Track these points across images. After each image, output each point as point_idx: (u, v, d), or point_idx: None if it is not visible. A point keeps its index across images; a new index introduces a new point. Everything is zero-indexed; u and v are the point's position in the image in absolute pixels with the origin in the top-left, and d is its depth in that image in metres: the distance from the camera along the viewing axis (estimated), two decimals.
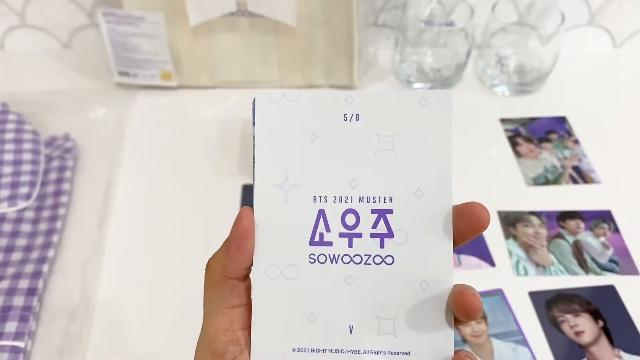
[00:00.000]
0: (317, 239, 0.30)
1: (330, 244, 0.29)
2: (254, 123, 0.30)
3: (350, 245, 0.29)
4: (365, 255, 0.29)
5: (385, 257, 0.29)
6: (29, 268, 0.56)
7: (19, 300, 0.53)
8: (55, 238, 0.59)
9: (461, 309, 0.28)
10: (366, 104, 0.30)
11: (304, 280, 0.30)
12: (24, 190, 0.63)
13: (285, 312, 0.29)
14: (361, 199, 0.29)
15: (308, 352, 0.29)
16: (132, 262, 0.60)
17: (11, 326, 0.51)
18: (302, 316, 0.29)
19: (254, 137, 0.30)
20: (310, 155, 0.30)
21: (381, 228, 0.29)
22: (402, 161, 0.29)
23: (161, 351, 0.53)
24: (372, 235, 0.29)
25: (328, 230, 0.30)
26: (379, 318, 0.29)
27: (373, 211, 0.29)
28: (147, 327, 0.55)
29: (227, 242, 0.30)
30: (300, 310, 0.29)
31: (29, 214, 0.62)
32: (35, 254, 0.58)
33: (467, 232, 0.29)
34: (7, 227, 0.60)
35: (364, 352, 0.29)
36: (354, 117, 0.30)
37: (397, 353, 0.29)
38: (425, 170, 0.29)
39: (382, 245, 0.29)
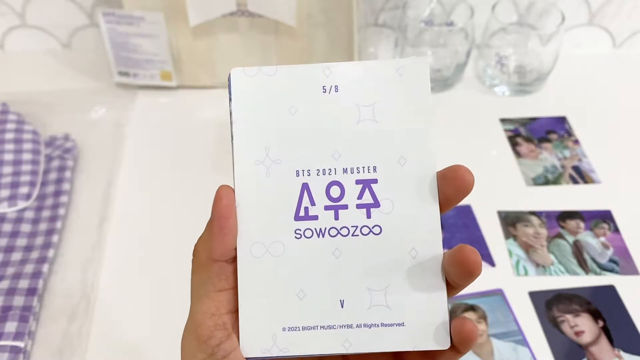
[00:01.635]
0: (302, 213, 0.29)
1: (316, 217, 0.29)
2: (230, 99, 0.30)
3: (337, 218, 0.29)
4: (352, 226, 0.29)
5: (372, 228, 0.29)
6: (29, 268, 0.56)
7: (19, 300, 0.53)
8: (55, 238, 0.59)
9: (461, 265, 0.27)
10: (344, 75, 0.29)
11: (290, 256, 0.29)
12: (24, 190, 0.63)
13: (273, 290, 0.29)
14: (345, 170, 0.29)
15: (299, 330, 0.29)
16: (132, 262, 0.60)
17: (11, 326, 0.51)
18: (291, 293, 0.29)
19: (231, 113, 0.30)
20: (291, 129, 0.29)
21: (367, 198, 0.29)
22: (384, 130, 0.29)
23: (161, 351, 0.53)
24: (358, 206, 0.29)
25: (313, 204, 0.29)
26: (370, 290, 0.28)
27: (358, 182, 0.29)
28: (148, 327, 0.54)
29: (210, 223, 0.29)
30: (288, 288, 0.29)
31: (29, 214, 0.62)
32: (35, 254, 0.58)
33: (452, 196, 0.29)
34: (7, 227, 0.60)
35: (357, 326, 0.28)
36: (333, 88, 0.29)
37: (391, 325, 0.28)
38: (407, 137, 0.29)
39: (368, 216, 0.29)
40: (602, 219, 0.64)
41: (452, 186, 0.28)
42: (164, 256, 0.60)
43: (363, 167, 0.29)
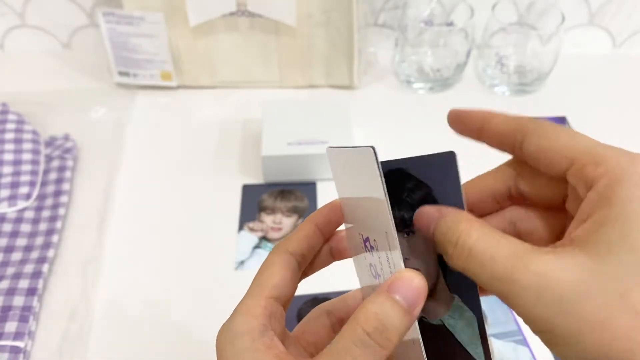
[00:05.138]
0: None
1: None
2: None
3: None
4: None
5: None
6: (29, 268, 0.56)
7: (19, 300, 0.53)
8: (55, 238, 0.59)
9: None
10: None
11: None
12: (24, 190, 0.63)
13: None
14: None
15: None
16: (132, 262, 0.60)
17: (11, 326, 0.51)
18: None
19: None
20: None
21: None
22: None
23: (161, 351, 0.53)
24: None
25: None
26: None
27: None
28: (147, 327, 0.54)
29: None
30: None
31: (29, 214, 0.62)
32: (35, 254, 0.58)
33: None
34: (7, 227, 0.60)
35: None
36: None
37: None
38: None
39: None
40: None
41: None
42: (164, 255, 0.60)
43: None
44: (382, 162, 0.27)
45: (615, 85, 0.81)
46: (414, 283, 0.25)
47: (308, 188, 0.66)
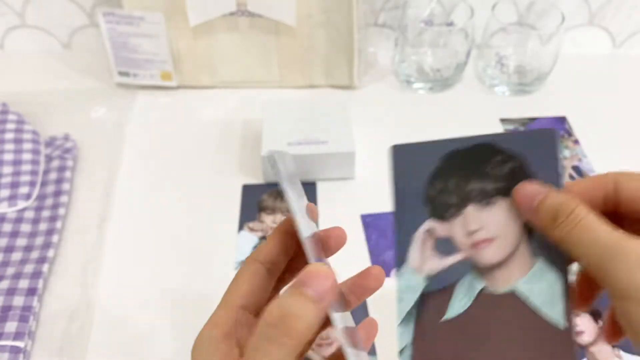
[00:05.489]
0: None
1: None
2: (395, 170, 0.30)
3: None
4: None
5: None
6: (29, 268, 0.56)
7: (19, 300, 0.53)
8: (55, 238, 0.59)
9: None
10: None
11: None
12: (24, 190, 0.63)
13: None
14: None
15: None
16: (132, 262, 0.60)
17: (11, 326, 0.51)
18: None
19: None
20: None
21: None
22: None
23: (161, 351, 0.53)
24: None
25: None
26: None
27: None
28: (147, 327, 0.54)
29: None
30: None
31: (29, 214, 0.62)
32: (35, 254, 0.58)
33: (363, 294, 0.32)
34: (7, 227, 0.60)
35: None
36: None
37: None
38: None
39: None
40: None
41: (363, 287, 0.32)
42: (164, 256, 0.60)
43: None
44: (471, 137, 0.30)
45: (615, 85, 0.81)
46: (319, 274, 0.27)
47: (308, 188, 0.66)
